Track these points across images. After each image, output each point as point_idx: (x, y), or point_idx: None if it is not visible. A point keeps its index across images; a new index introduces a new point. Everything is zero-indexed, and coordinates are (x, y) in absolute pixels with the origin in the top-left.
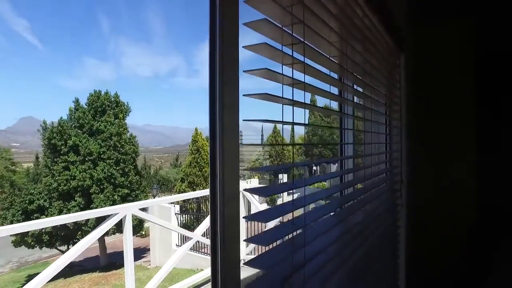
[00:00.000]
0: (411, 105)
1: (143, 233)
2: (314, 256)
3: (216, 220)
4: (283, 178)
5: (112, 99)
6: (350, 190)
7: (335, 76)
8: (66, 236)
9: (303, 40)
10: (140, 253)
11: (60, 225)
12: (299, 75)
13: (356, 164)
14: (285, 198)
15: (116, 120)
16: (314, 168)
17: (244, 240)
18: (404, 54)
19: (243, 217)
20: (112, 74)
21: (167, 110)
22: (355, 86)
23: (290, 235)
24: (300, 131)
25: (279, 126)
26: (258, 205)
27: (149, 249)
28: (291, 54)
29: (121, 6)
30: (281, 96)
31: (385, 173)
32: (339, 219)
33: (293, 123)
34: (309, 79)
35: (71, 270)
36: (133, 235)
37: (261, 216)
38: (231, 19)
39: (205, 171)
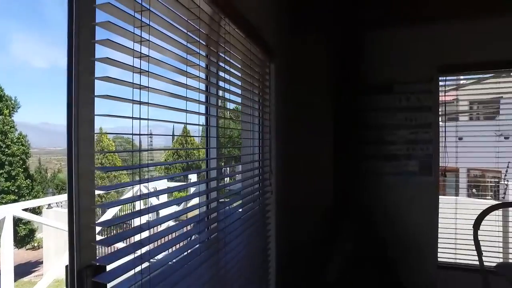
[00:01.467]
0: (279, 108)
1: (36, 244)
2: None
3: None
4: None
5: None
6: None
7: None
8: None
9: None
10: (30, 267)
11: None
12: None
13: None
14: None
15: (0, 117)
16: (224, 169)
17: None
18: (274, 63)
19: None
20: None
21: None
22: (232, 89)
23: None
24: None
25: (189, 126)
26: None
27: (41, 262)
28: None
29: None
30: (131, 98)
31: (258, 164)
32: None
33: (146, 119)
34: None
35: None
36: (23, 247)
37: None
38: None
39: (111, 172)
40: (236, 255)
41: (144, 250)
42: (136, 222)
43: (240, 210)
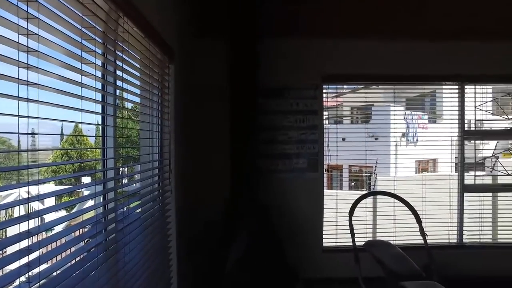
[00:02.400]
0: (179, 109)
1: None
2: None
3: None
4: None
5: None
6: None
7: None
8: None
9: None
10: None
11: None
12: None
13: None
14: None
15: None
16: (122, 169)
17: None
18: (173, 65)
19: None
20: None
21: None
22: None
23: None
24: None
25: (82, 125)
26: None
27: None
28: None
29: None
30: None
31: (158, 164)
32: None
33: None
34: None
35: None
36: None
37: None
38: None
39: None
40: (136, 254)
41: (32, 257)
42: (22, 227)
43: (140, 210)
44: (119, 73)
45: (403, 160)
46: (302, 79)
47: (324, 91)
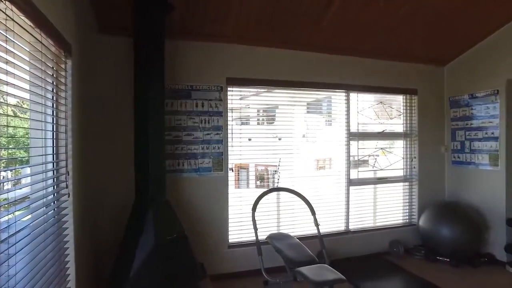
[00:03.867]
0: (78, 107)
1: None
2: None
3: None
4: None
5: None
6: None
7: None
8: None
9: None
10: None
11: None
12: None
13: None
14: None
15: None
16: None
17: None
18: (72, 60)
19: None
20: None
21: None
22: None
23: None
24: None
25: None
26: None
27: None
28: None
29: None
30: None
31: (52, 166)
32: None
33: None
34: None
35: None
36: None
37: None
38: None
39: None
40: (26, 265)
41: None
42: None
43: (29, 216)
44: (2, 65)
45: (304, 159)
46: (208, 81)
47: (232, 93)
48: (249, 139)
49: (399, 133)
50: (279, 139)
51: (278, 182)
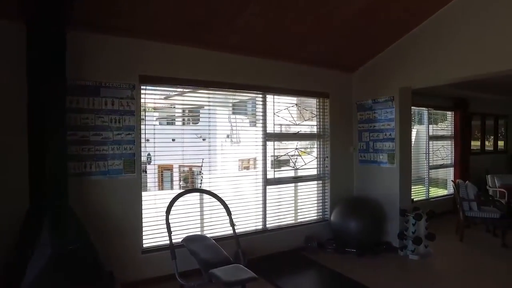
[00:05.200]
0: None
1: None
2: None
3: None
4: None
5: None
6: None
7: None
8: None
9: None
10: None
11: None
12: None
13: None
14: None
15: None
16: None
17: None
18: None
19: None
20: None
21: None
22: None
23: None
24: None
25: None
26: None
27: None
28: None
29: None
30: None
31: None
32: None
33: None
34: None
35: None
36: None
37: None
38: None
39: None
40: None
41: None
42: None
43: None
44: None
45: (228, 159)
46: (119, 78)
47: (148, 92)
48: (173, 140)
49: (313, 134)
50: (203, 139)
51: (201, 183)
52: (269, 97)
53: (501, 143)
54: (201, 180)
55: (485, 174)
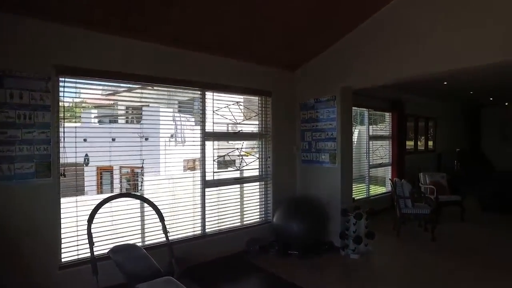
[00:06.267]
0: None
1: None
2: None
3: None
4: None
5: None
6: None
7: None
8: None
9: None
10: None
11: None
12: None
13: None
14: None
15: None
16: None
17: None
18: None
19: None
20: None
21: None
22: None
23: None
24: None
25: None
26: None
27: None
28: None
29: None
30: None
31: None
32: None
33: None
34: None
35: None
36: None
37: None
38: None
39: None
40: None
41: None
42: None
43: None
44: None
45: (171, 160)
46: (30, 67)
47: (100, 87)
48: (113, 139)
49: (255, 134)
50: (146, 139)
51: (141, 186)
52: (209, 94)
53: (430, 143)
54: (142, 182)
55: (417, 172)
